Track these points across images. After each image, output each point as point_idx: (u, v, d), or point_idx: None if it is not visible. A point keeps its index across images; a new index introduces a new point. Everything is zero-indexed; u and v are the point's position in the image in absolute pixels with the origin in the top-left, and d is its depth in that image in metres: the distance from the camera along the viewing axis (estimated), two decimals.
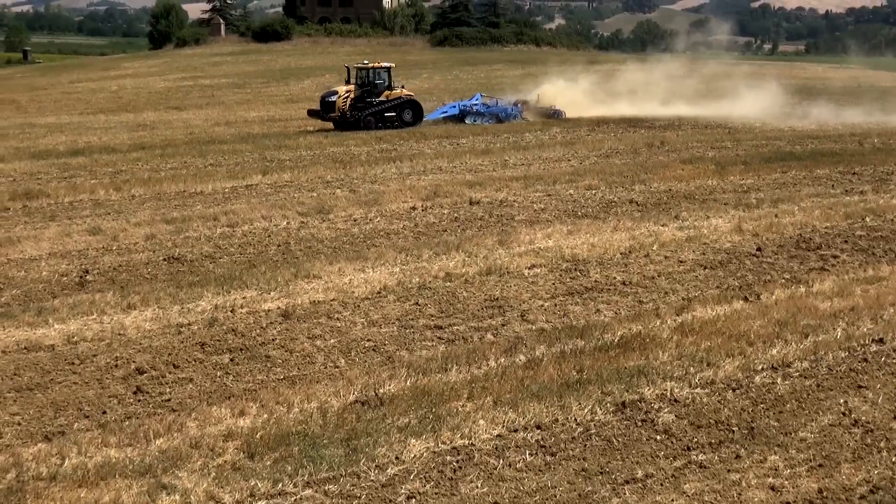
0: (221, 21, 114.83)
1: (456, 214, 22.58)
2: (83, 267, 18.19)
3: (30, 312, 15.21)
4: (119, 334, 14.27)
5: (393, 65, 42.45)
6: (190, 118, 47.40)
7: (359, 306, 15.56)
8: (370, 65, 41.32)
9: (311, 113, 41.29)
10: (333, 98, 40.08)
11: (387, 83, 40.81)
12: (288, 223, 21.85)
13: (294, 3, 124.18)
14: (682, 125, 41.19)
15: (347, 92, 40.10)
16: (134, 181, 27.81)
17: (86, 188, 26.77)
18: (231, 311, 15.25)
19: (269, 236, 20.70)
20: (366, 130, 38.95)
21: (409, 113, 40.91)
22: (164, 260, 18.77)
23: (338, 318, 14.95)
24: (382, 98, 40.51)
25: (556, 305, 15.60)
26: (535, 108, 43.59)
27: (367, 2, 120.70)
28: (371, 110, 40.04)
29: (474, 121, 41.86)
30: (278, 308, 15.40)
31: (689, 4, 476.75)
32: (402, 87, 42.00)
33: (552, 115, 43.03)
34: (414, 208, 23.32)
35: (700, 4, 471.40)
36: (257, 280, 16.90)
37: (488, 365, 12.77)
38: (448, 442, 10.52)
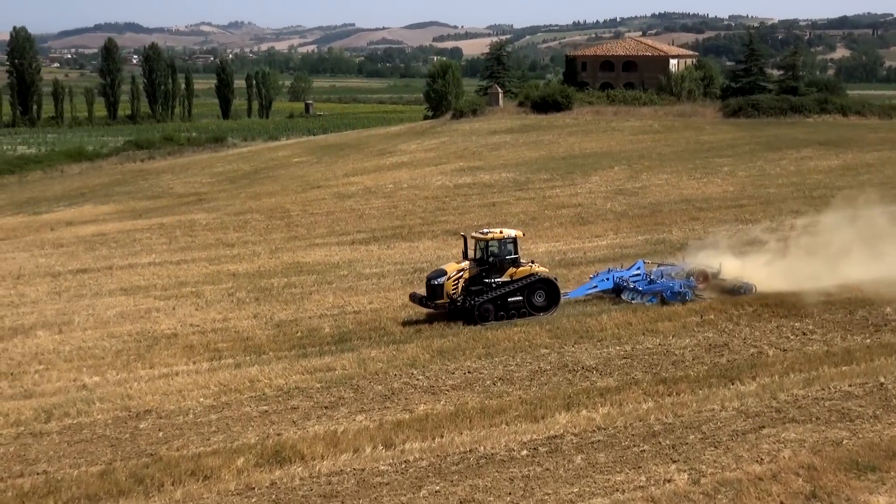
0: (499, 90, 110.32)
1: None
2: None
3: None
4: None
5: (520, 233, 33.80)
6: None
7: None
8: (490, 235, 32.46)
9: (414, 298, 32.66)
10: (441, 280, 31.60)
11: (512, 257, 32.38)
12: None
13: (574, 69, 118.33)
14: None
15: (460, 272, 31.77)
16: (407, 425, 22.24)
17: (348, 442, 21.46)
18: None
19: None
20: (481, 323, 30.78)
21: (541, 296, 31.96)
22: None
23: None
24: (506, 277, 32.02)
25: None
26: (716, 282, 33.56)
27: (653, 66, 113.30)
28: (490, 295, 31.47)
29: (632, 298, 32.76)
30: None
31: None
32: (533, 262, 33.15)
33: (738, 292, 33.02)
34: None
35: None
36: None
37: None
38: None
